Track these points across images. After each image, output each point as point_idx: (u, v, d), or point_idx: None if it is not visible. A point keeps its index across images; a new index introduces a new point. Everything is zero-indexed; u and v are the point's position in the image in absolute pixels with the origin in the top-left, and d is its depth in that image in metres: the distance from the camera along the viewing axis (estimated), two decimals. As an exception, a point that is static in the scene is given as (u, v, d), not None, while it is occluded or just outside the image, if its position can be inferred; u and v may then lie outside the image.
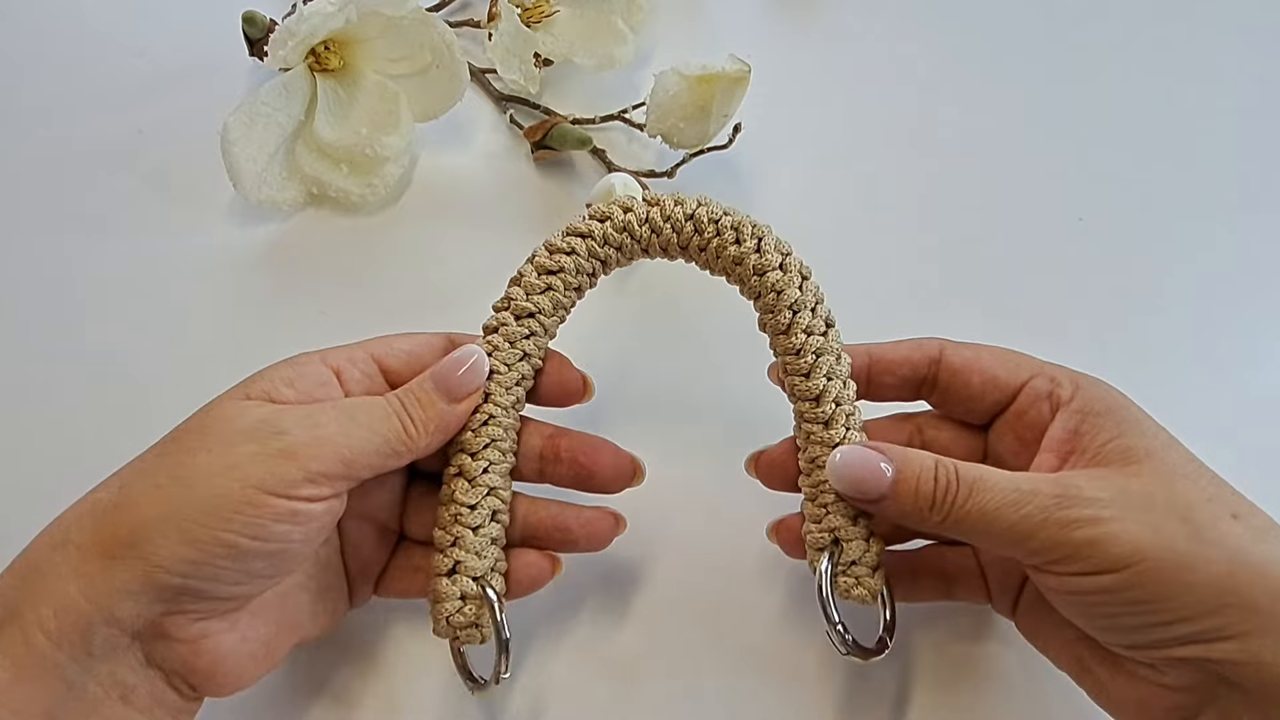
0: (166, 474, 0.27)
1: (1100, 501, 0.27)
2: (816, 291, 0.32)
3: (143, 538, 0.25)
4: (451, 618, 0.30)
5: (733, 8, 0.55)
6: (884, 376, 0.33)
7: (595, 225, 0.32)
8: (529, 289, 0.32)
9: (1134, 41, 0.53)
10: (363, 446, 0.28)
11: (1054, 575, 0.28)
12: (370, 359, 0.31)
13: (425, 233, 0.46)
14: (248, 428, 0.27)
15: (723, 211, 0.32)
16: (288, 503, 0.26)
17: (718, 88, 0.42)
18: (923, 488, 0.29)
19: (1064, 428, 0.30)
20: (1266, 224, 0.47)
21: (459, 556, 0.31)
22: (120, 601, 0.25)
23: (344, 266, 0.44)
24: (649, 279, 0.44)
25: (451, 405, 0.30)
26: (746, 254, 0.32)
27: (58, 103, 0.49)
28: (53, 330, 0.42)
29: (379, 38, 0.45)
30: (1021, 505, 0.27)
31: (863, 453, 0.30)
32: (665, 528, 0.38)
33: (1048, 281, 0.45)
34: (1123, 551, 0.26)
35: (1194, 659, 0.26)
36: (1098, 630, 0.28)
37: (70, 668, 0.25)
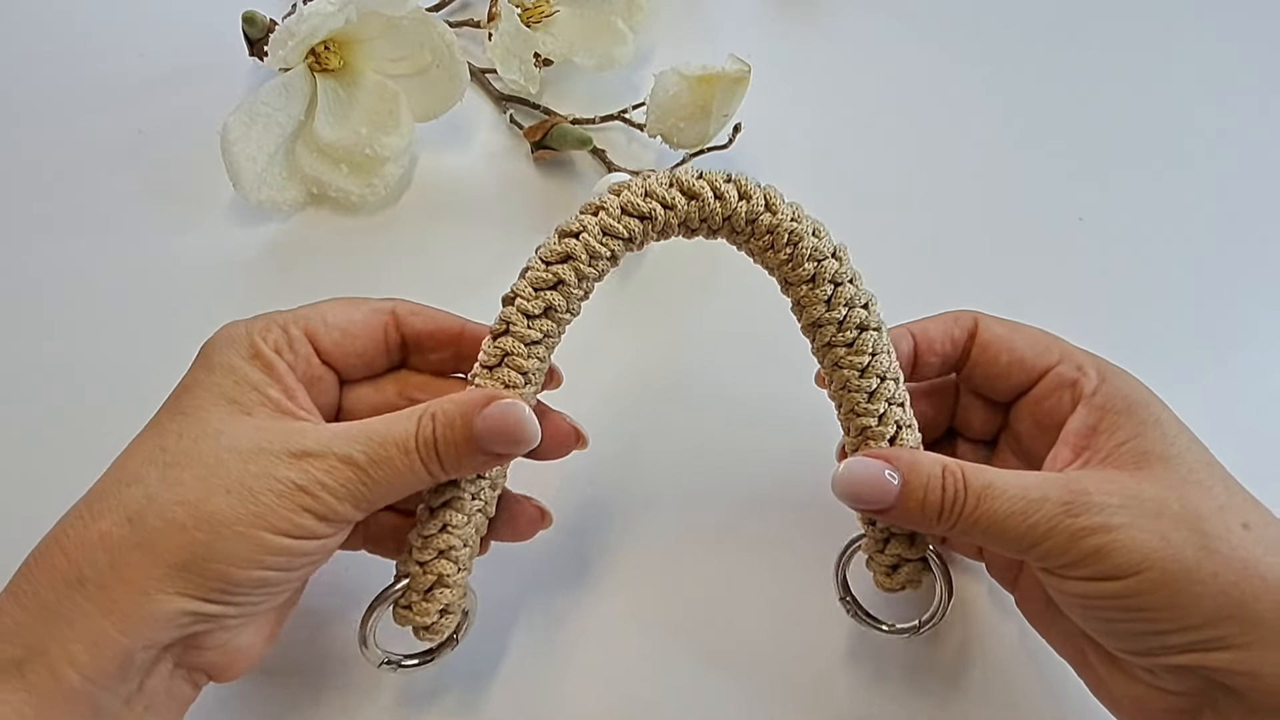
0: (187, 514, 0.26)
1: (1109, 508, 0.26)
2: (850, 299, 0.31)
3: (179, 576, 0.25)
4: (422, 632, 0.30)
5: (733, 8, 0.55)
6: (929, 357, 0.33)
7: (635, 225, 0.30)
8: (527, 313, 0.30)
9: (1134, 42, 0.53)
10: (380, 495, 0.28)
11: (1059, 578, 0.28)
12: (304, 338, 0.30)
13: (425, 233, 0.46)
14: (266, 476, 0.26)
15: (764, 206, 0.30)
16: (311, 543, 0.27)
17: (718, 88, 0.42)
18: (930, 496, 0.28)
19: (1083, 422, 0.30)
20: (1267, 224, 0.47)
21: (443, 570, 0.30)
22: (160, 629, 0.26)
23: (344, 266, 0.44)
24: (649, 279, 0.44)
25: (485, 456, 0.29)
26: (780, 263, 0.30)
27: (58, 103, 0.49)
28: (53, 330, 0.42)
29: (379, 38, 0.45)
30: (1030, 513, 0.27)
31: (866, 463, 0.29)
32: (665, 523, 0.38)
33: (1048, 281, 0.45)
34: (1130, 560, 0.26)
35: (1192, 666, 0.26)
36: (1099, 633, 0.28)
37: (101, 696, 0.25)
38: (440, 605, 0.30)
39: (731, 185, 0.30)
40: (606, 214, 0.30)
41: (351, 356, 0.32)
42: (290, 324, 0.30)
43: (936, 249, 0.45)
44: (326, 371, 0.32)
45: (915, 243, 0.46)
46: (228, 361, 0.29)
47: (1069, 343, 0.32)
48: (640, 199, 0.30)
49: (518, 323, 0.30)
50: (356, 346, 0.32)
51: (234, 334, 0.30)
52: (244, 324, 0.30)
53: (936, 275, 0.45)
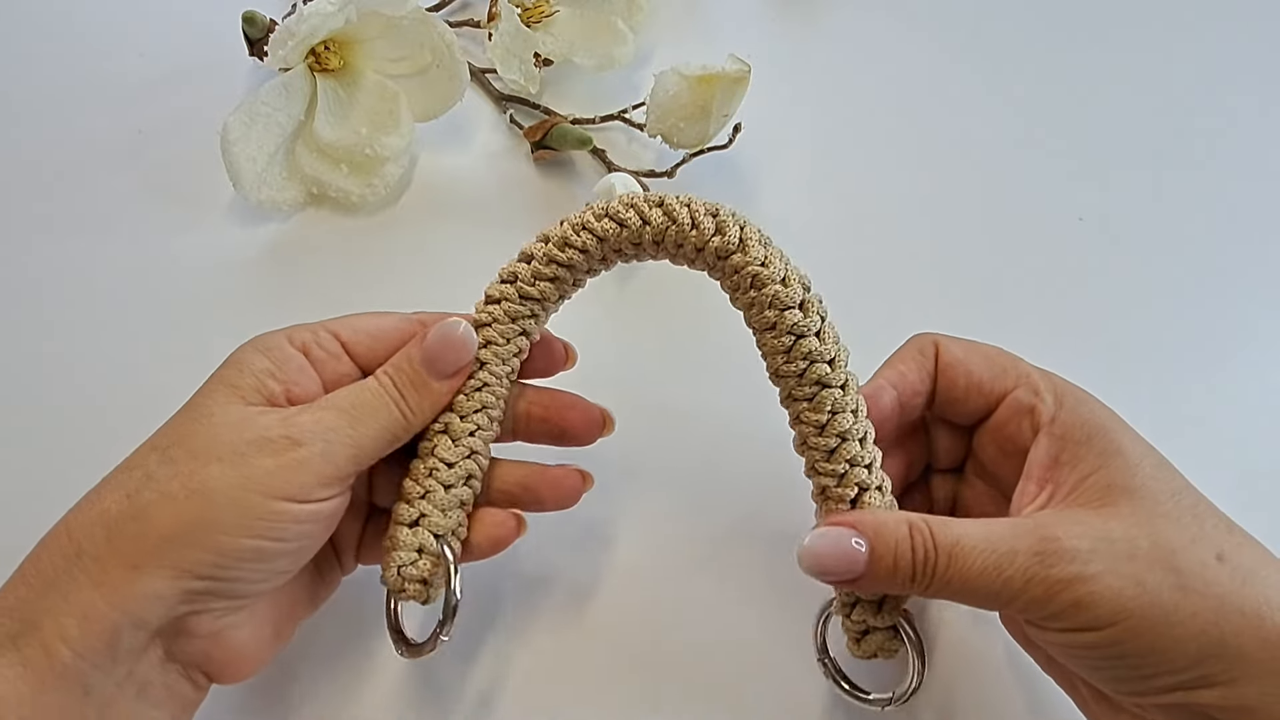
0: (180, 485, 0.26)
1: (1081, 556, 0.26)
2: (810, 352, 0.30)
3: (168, 547, 0.26)
4: (404, 569, 0.30)
5: (733, 8, 0.55)
6: (913, 400, 0.32)
7: (610, 228, 0.31)
8: (537, 274, 0.32)
9: (1134, 42, 0.53)
10: (369, 442, 0.29)
11: (1039, 628, 0.27)
12: (333, 337, 0.31)
13: (425, 233, 0.46)
14: (258, 439, 0.27)
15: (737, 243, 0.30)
16: (307, 507, 0.27)
17: (718, 88, 0.42)
18: (900, 561, 0.27)
19: (1046, 453, 0.29)
20: (1267, 224, 0.47)
21: (425, 509, 0.31)
22: (148, 606, 0.26)
23: (344, 266, 0.44)
24: (649, 279, 0.44)
25: (442, 383, 0.31)
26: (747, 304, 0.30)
27: (58, 103, 0.49)
28: (52, 330, 0.42)
29: (379, 38, 0.45)
30: (1003, 568, 0.26)
31: (831, 534, 0.28)
32: (663, 522, 0.38)
33: (1048, 281, 0.44)
34: (1108, 610, 0.25)
35: (1181, 704, 0.26)
36: (1084, 674, 0.28)
37: (92, 674, 0.25)
38: (388, 539, 0.31)
39: (710, 218, 0.30)
40: (590, 212, 0.31)
41: (383, 359, 0.32)
42: (319, 327, 0.32)
43: (936, 249, 0.45)
44: (356, 370, 0.32)
45: (915, 243, 0.46)
46: (241, 355, 0.30)
47: (1024, 362, 0.32)
48: (622, 208, 0.31)
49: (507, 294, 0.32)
50: (386, 350, 0.32)
51: (261, 335, 0.31)
52: (277, 329, 0.31)
53: (936, 275, 0.45)
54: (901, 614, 0.30)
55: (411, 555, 0.31)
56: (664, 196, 0.31)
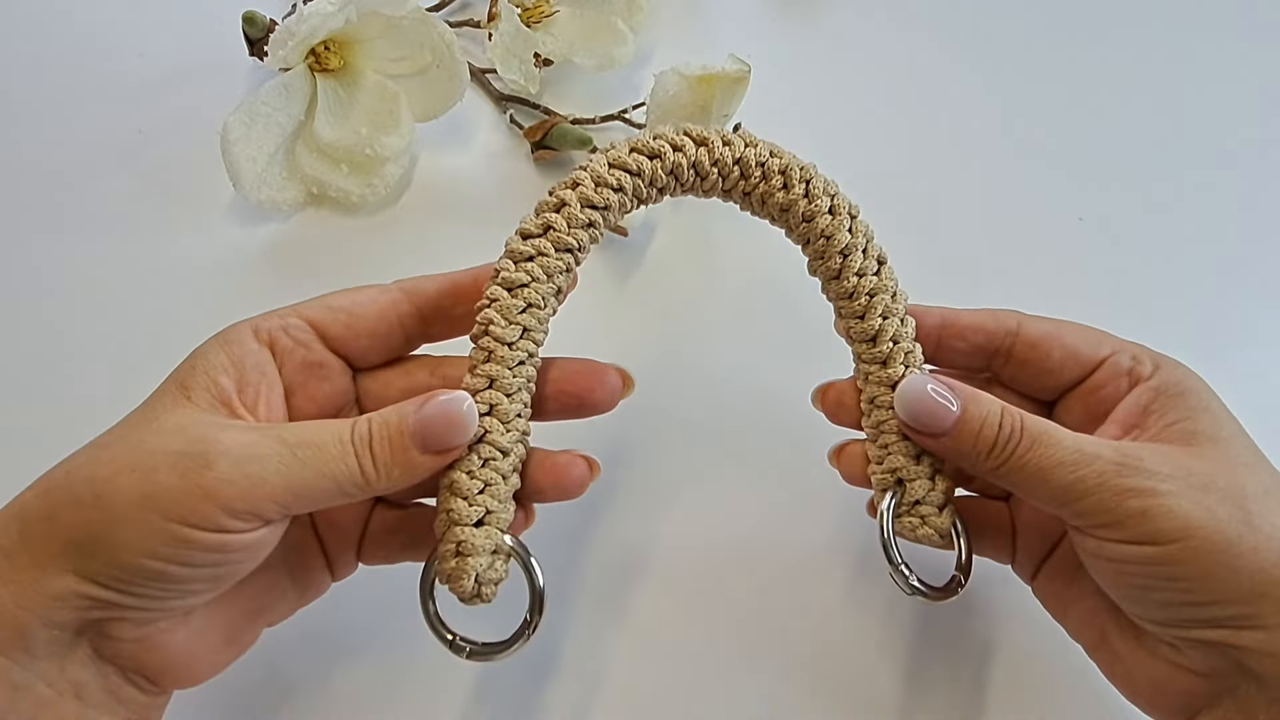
0: (89, 491, 0.25)
1: (1160, 475, 0.27)
2: (866, 230, 0.32)
3: (71, 552, 0.24)
4: (481, 574, 0.28)
5: (733, 8, 0.55)
6: (955, 341, 0.33)
7: (645, 162, 0.30)
8: (572, 221, 0.30)
9: (1134, 42, 0.53)
10: (305, 487, 0.26)
11: (1096, 539, 0.27)
12: (306, 324, 0.29)
13: (425, 233, 0.46)
14: (175, 451, 0.25)
15: (769, 153, 0.31)
16: (213, 535, 0.25)
17: (718, 88, 0.42)
18: (986, 431, 0.28)
19: (1136, 402, 0.30)
20: (1268, 223, 0.47)
21: (490, 505, 0.28)
22: (55, 608, 0.24)
23: (344, 266, 0.44)
24: (649, 274, 0.44)
25: (426, 456, 0.27)
26: (795, 200, 0.31)
27: (58, 103, 0.49)
28: (52, 330, 0.42)
29: (379, 38, 0.45)
30: (1080, 466, 0.27)
31: (930, 383, 0.29)
32: (669, 512, 0.38)
33: (1048, 281, 0.45)
34: (1174, 525, 0.26)
35: (1220, 643, 0.26)
36: (1128, 600, 0.28)
37: (13, 670, 0.24)
38: (453, 543, 0.28)
39: (738, 136, 0.31)
40: (616, 151, 0.30)
41: (363, 338, 0.30)
42: (289, 313, 0.30)
43: (936, 249, 0.45)
44: (331, 358, 0.30)
45: (915, 243, 0.45)
46: (202, 348, 0.28)
47: (1117, 336, 0.32)
48: (650, 141, 0.30)
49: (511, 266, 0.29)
50: (366, 326, 0.30)
51: (230, 326, 0.29)
52: (247, 319, 0.30)
53: (936, 275, 0.44)
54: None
55: (488, 560, 0.28)
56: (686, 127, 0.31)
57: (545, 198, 0.30)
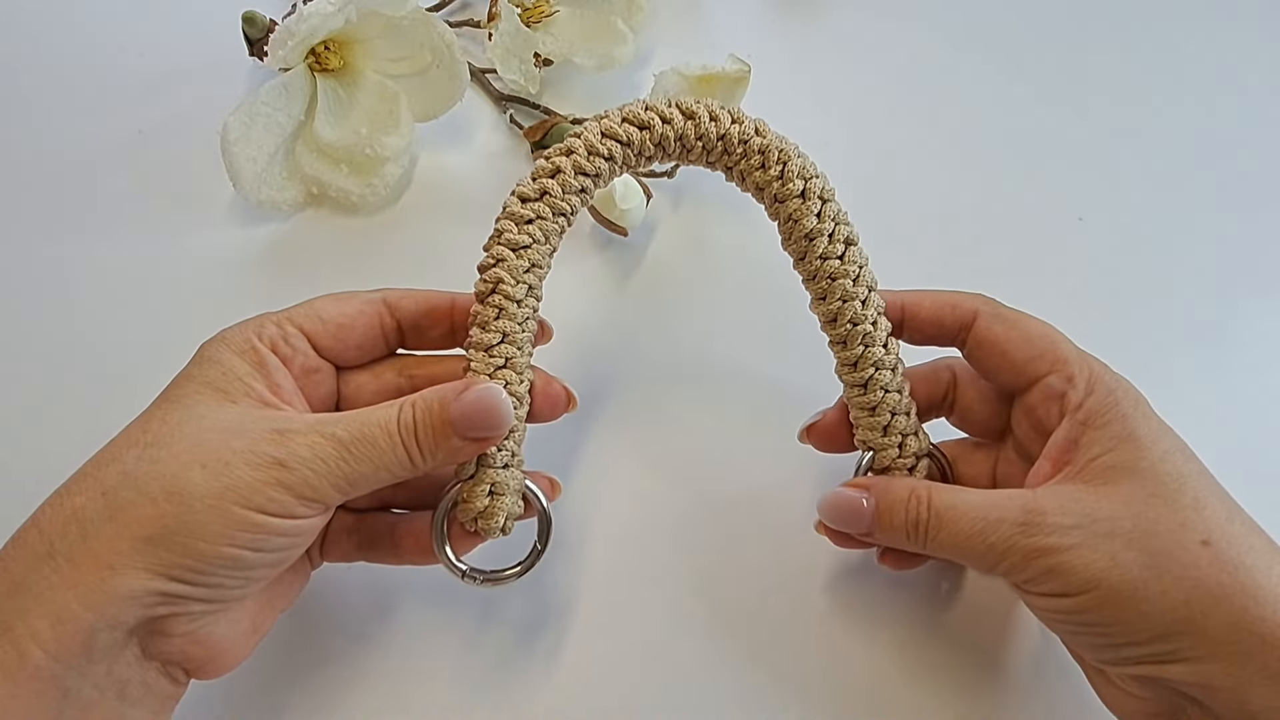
0: (160, 488, 0.26)
1: (1062, 528, 0.28)
2: (836, 215, 0.32)
3: (145, 548, 0.25)
4: (511, 512, 0.31)
5: (733, 8, 0.55)
6: (914, 333, 0.34)
7: (635, 132, 0.32)
8: (566, 187, 0.31)
9: (1134, 41, 0.53)
10: (361, 478, 0.28)
11: (1024, 592, 0.29)
12: (301, 334, 0.31)
13: (425, 233, 0.46)
14: (245, 450, 0.27)
15: (754, 131, 0.32)
16: (287, 521, 0.27)
17: (718, 88, 0.42)
18: (896, 520, 0.31)
19: (1065, 436, 0.30)
20: (1268, 223, 0.47)
21: (513, 449, 0.31)
22: (123, 607, 0.25)
23: (344, 266, 0.44)
24: (649, 274, 0.44)
25: (465, 442, 0.29)
26: (770, 180, 0.32)
27: (58, 103, 0.49)
28: (52, 330, 0.42)
29: (379, 38, 0.45)
30: (988, 534, 0.29)
31: (843, 496, 0.32)
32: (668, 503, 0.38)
33: (1048, 281, 0.45)
34: (1079, 578, 0.27)
35: (1150, 677, 0.27)
36: (1066, 641, 0.30)
37: (68, 676, 0.25)
38: (487, 484, 0.30)
39: (726, 111, 0.32)
40: (609, 120, 0.32)
41: (349, 349, 0.32)
42: (285, 321, 0.31)
43: (936, 249, 0.45)
44: (323, 363, 0.32)
45: (915, 242, 0.46)
46: (217, 355, 0.30)
47: (1066, 343, 0.32)
48: (641, 111, 0.32)
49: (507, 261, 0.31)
50: (353, 339, 0.32)
51: (229, 332, 0.31)
52: (241, 324, 0.31)
53: (936, 275, 0.44)
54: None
55: (516, 499, 0.31)
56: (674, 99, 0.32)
57: (541, 163, 0.32)
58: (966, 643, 0.36)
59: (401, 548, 0.33)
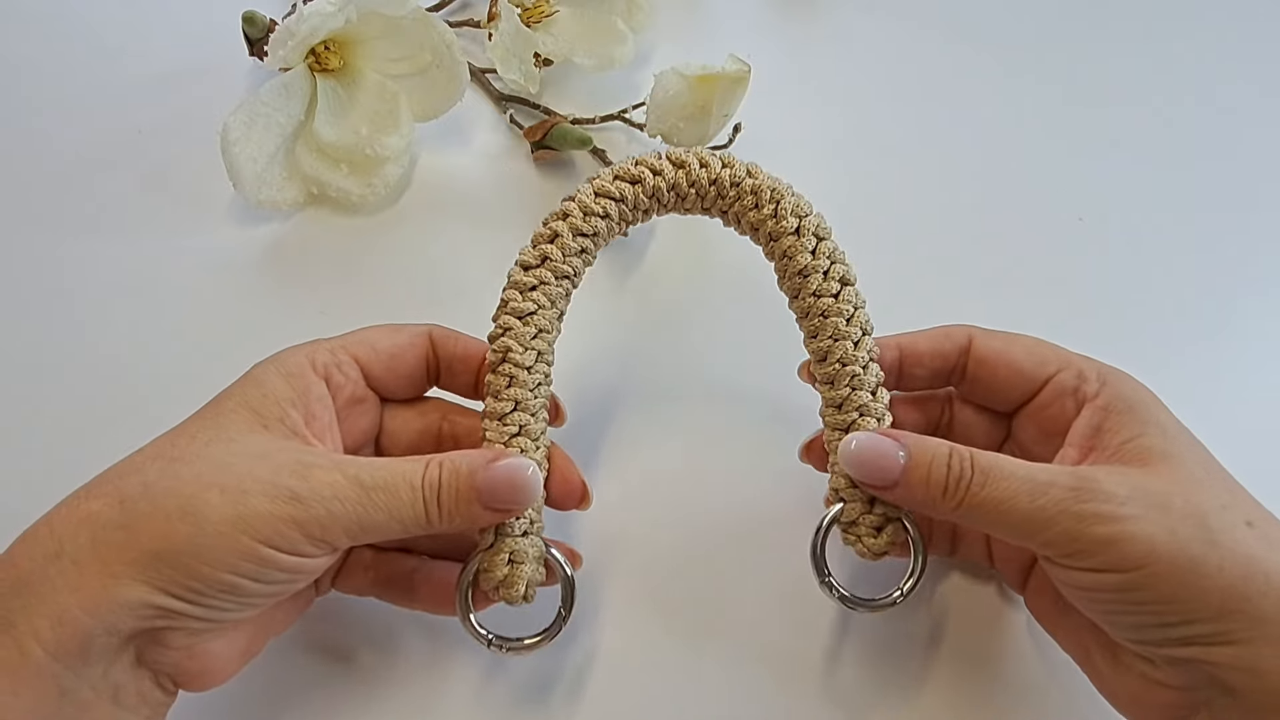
0: (176, 505, 0.26)
1: (1118, 497, 0.26)
2: (831, 253, 0.32)
3: (151, 562, 0.25)
4: (531, 579, 0.31)
5: (733, 8, 0.55)
6: (915, 369, 0.33)
7: (627, 189, 0.32)
8: (566, 250, 0.32)
9: (1134, 41, 0.53)
10: (375, 527, 0.28)
11: (1064, 569, 0.28)
12: (354, 362, 0.31)
13: (425, 233, 0.46)
14: (266, 479, 0.27)
15: (746, 173, 0.32)
16: (293, 559, 0.27)
17: (718, 88, 0.42)
18: (935, 474, 0.28)
19: (1088, 423, 0.30)
20: (1268, 223, 0.47)
21: (533, 516, 0.31)
22: (122, 615, 0.25)
23: (344, 266, 0.44)
24: (649, 273, 0.44)
25: (487, 512, 0.29)
26: (765, 219, 0.32)
27: (58, 103, 0.49)
28: (52, 330, 0.42)
29: (379, 38, 0.45)
30: (1037, 496, 0.27)
31: (875, 439, 0.30)
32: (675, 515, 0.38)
33: (1048, 281, 0.45)
34: (1138, 551, 0.26)
35: (1193, 660, 0.26)
36: (1103, 622, 0.28)
37: (66, 676, 0.25)
38: (505, 553, 0.30)
39: (715, 157, 0.33)
40: (601, 180, 0.32)
41: (399, 380, 0.33)
42: (340, 349, 0.31)
43: (936, 249, 0.45)
44: (370, 394, 0.32)
45: (915, 243, 0.46)
46: (264, 376, 0.30)
47: (1065, 349, 0.32)
48: (631, 166, 0.32)
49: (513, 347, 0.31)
50: (404, 369, 0.33)
51: (284, 354, 0.31)
52: (296, 347, 0.31)
53: (936, 275, 0.45)
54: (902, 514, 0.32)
55: (535, 567, 0.31)
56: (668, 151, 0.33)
57: (539, 229, 0.32)
58: (960, 652, 0.36)
59: (417, 595, 0.33)
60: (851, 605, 0.31)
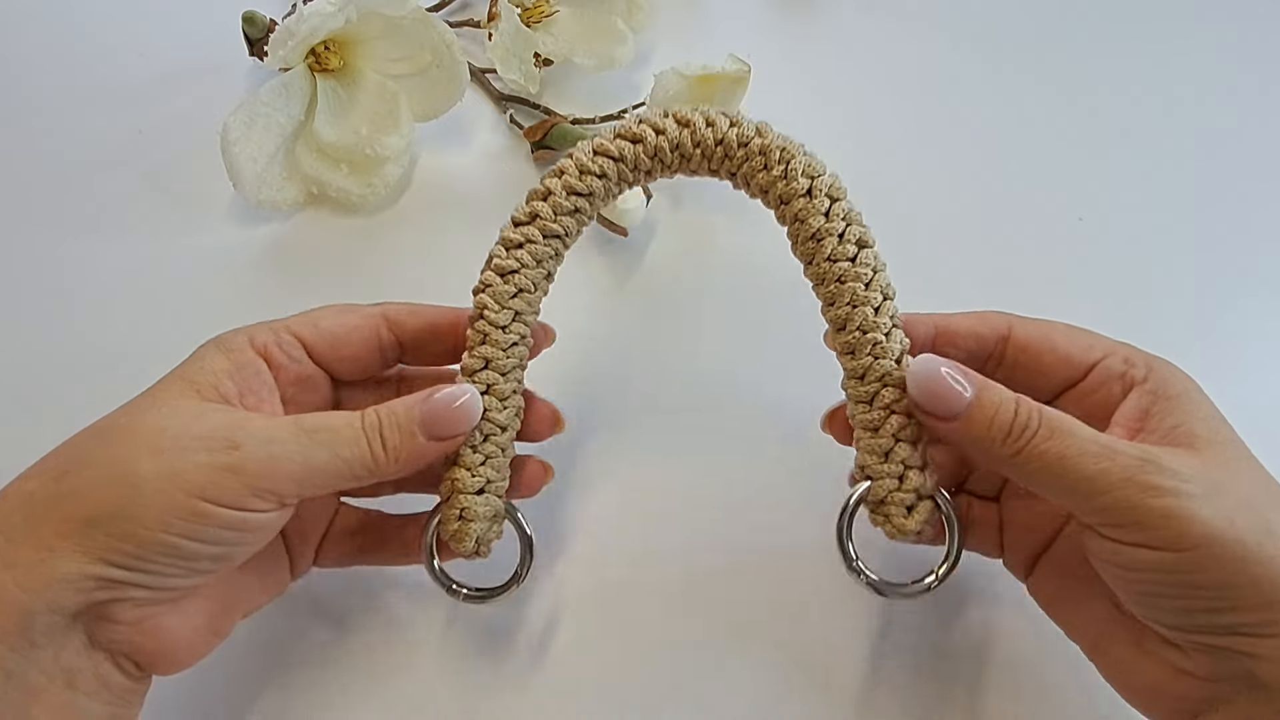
0: (110, 471, 0.26)
1: (1182, 475, 0.26)
2: (847, 214, 0.31)
3: (86, 530, 0.25)
4: (481, 536, 0.31)
5: (733, 8, 0.55)
6: (948, 349, 0.32)
7: (627, 146, 0.31)
8: (557, 209, 0.31)
9: (1134, 41, 0.53)
10: (320, 467, 0.27)
11: (1111, 542, 0.27)
12: (296, 341, 0.31)
13: (425, 233, 0.46)
14: (202, 435, 0.26)
15: (755, 133, 0.31)
16: (234, 513, 0.26)
17: (718, 88, 0.42)
18: (1001, 416, 0.28)
19: (1136, 406, 0.29)
20: (1267, 223, 0.47)
21: (490, 475, 0.31)
22: (61, 590, 0.25)
23: (344, 266, 0.44)
24: (649, 274, 0.44)
25: (431, 442, 0.29)
26: (774, 180, 0.31)
27: (58, 103, 0.49)
28: (52, 330, 0.42)
29: (379, 38, 0.45)
30: (1102, 459, 0.26)
31: (943, 365, 0.29)
32: (673, 516, 0.38)
33: (1048, 281, 0.45)
34: (1198, 531, 0.25)
35: (1231, 649, 0.26)
36: (1140, 604, 0.28)
37: (9, 658, 0.24)
38: (457, 508, 0.31)
39: (722, 115, 0.31)
40: (601, 139, 0.31)
41: (345, 361, 0.32)
42: (281, 329, 0.31)
43: (936, 249, 0.45)
44: (318, 372, 0.32)
45: (915, 242, 0.45)
46: (202, 351, 0.30)
47: (1110, 338, 0.32)
48: (634, 125, 0.31)
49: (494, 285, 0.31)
50: (349, 352, 0.32)
51: (226, 334, 0.31)
52: (240, 328, 0.31)
53: (936, 275, 0.44)
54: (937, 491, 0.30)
55: (487, 525, 0.31)
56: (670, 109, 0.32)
57: (535, 186, 0.32)
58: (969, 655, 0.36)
59: (410, 547, 0.33)
60: (881, 592, 0.29)
